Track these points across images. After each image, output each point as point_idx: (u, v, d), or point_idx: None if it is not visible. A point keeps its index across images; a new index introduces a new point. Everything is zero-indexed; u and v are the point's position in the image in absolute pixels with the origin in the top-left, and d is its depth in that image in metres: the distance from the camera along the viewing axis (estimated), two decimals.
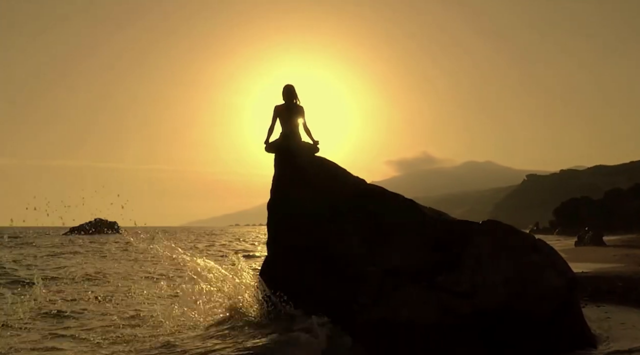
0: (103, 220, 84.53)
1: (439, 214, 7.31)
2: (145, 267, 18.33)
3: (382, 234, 6.91)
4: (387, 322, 6.41)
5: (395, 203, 7.19)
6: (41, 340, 7.84)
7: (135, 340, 7.36)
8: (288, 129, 7.84)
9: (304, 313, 6.63)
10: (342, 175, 7.46)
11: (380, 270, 6.68)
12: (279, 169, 7.78)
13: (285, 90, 7.96)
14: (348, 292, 6.71)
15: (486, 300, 6.48)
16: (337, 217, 7.11)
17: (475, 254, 6.61)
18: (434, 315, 6.34)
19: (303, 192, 7.37)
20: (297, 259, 7.17)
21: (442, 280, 6.49)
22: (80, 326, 8.74)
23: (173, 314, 8.06)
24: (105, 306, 10.18)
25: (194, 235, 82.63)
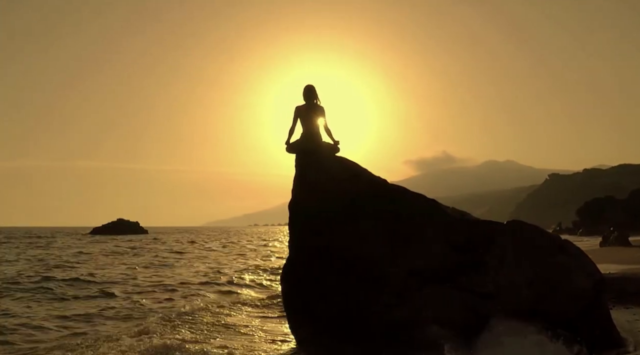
0: (125, 221, 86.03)
1: (462, 214, 7.23)
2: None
3: (405, 234, 6.86)
4: (411, 322, 6.36)
5: (417, 203, 7.13)
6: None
7: None
8: (309, 130, 7.84)
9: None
10: (364, 175, 7.43)
11: (403, 270, 6.64)
12: (300, 169, 7.78)
13: (306, 91, 7.95)
14: (370, 293, 6.69)
15: (510, 302, 6.39)
16: (359, 218, 7.08)
17: (500, 255, 6.52)
18: (459, 316, 6.28)
19: (325, 192, 7.35)
20: (319, 259, 7.16)
21: (466, 281, 6.42)
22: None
23: None
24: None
25: (229, 234, 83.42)
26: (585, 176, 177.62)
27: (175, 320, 9.42)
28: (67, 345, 7.74)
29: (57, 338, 8.48)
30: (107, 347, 7.43)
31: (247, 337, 8.63)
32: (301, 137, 7.88)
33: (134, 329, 8.61)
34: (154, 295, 13.33)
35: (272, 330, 9.21)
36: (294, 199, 7.71)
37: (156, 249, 36.41)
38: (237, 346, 7.82)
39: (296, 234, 7.62)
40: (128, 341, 7.70)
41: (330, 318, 6.90)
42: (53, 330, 9.10)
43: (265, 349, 7.81)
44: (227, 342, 8.11)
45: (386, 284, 6.66)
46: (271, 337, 8.55)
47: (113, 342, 7.73)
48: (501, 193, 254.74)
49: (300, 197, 7.64)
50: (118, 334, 8.30)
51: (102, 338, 8.09)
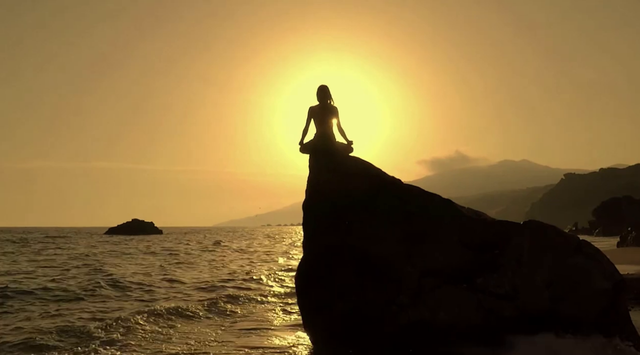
0: (140, 221, 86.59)
1: (478, 214, 7.16)
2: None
3: (420, 234, 6.81)
4: (427, 323, 6.32)
5: (432, 203, 7.08)
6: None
7: None
8: (323, 130, 7.83)
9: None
10: (378, 175, 7.40)
11: (418, 270, 6.60)
12: (314, 169, 7.77)
13: (320, 91, 7.94)
14: (385, 293, 6.66)
15: (528, 303, 6.31)
16: (373, 217, 7.05)
17: (517, 255, 6.45)
18: (475, 317, 6.22)
19: (339, 192, 7.34)
20: (333, 259, 7.14)
21: (483, 281, 6.36)
22: None
23: None
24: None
25: (249, 234, 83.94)
26: (601, 176, 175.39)
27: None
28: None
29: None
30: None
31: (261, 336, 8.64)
32: (315, 137, 7.87)
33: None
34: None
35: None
36: (308, 199, 7.70)
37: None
38: (252, 344, 7.84)
39: (310, 233, 7.61)
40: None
41: (345, 318, 6.88)
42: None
43: (280, 347, 7.82)
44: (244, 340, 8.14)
45: (401, 284, 6.62)
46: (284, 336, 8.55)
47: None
48: (516, 193, 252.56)
49: (314, 197, 7.63)
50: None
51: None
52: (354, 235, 7.07)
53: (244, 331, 9.07)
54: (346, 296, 6.91)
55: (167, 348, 7.63)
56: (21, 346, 7.71)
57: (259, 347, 7.87)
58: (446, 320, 6.32)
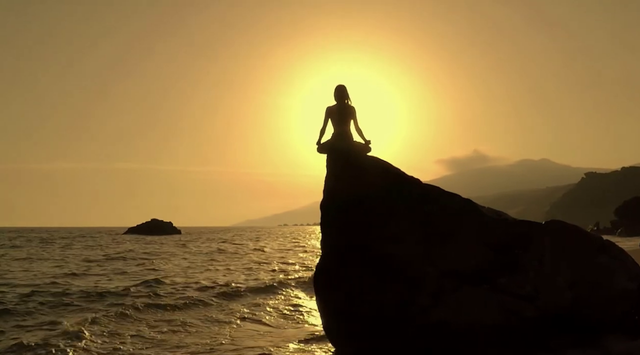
0: (159, 221, 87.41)
1: (499, 214, 7.07)
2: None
3: (440, 234, 6.75)
4: (447, 324, 6.26)
5: (452, 202, 7.00)
6: None
7: None
8: (340, 130, 7.81)
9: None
10: (397, 175, 7.34)
11: (438, 271, 6.53)
12: (332, 169, 7.74)
13: (337, 91, 7.92)
14: (405, 293, 6.60)
15: (551, 304, 6.22)
16: (392, 217, 7.00)
17: (539, 256, 6.35)
18: (497, 318, 6.14)
19: (357, 192, 7.30)
20: (352, 259, 7.10)
21: (504, 282, 6.27)
22: None
23: None
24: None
25: (267, 234, 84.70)
26: (623, 175, 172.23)
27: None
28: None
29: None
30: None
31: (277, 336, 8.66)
32: (332, 137, 7.85)
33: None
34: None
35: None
36: (326, 199, 7.67)
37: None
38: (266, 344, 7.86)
39: (329, 233, 7.58)
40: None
41: (364, 318, 6.84)
42: None
43: (298, 347, 7.82)
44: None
45: (421, 284, 6.55)
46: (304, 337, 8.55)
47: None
48: (536, 192, 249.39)
49: (332, 197, 7.59)
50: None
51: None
52: (373, 235, 7.02)
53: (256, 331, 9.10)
54: (365, 297, 6.86)
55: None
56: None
57: (278, 346, 7.89)
58: (467, 321, 6.25)
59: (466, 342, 6.24)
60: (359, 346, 6.81)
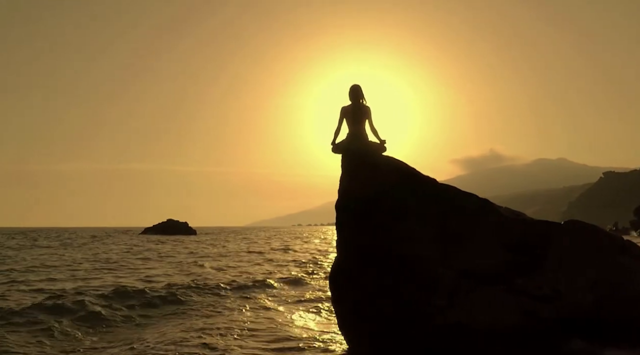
0: (174, 221, 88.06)
1: (516, 214, 6.97)
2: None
3: (456, 234, 6.67)
4: (464, 325, 6.19)
5: (469, 202, 6.92)
6: None
7: None
8: (355, 130, 7.77)
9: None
10: (413, 174, 7.28)
11: (454, 271, 6.46)
12: (347, 169, 7.71)
13: (352, 91, 7.89)
14: (420, 294, 6.54)
15: (570, 305, 6.12)
16: (408, 217, 6.94)
17: (558, 256, 6.25)
18: (514, 319, 6.05)
19: (372, 192, 7.26)
20: (367, 259, 7.06)
21: (522, 283, 6.18)
22: None
23: None
24: None
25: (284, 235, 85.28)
26: None
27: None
28: None
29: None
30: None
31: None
32: (347, 137, 7.82)
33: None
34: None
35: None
36: (341, 199, 7.64)
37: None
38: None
39: (344, 234, 7.55)
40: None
41: (379, 318, 6.80)
42: None
43: (316, 346, 7.81)
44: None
45: (437, 285, 6.49)
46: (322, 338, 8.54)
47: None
48: (552, 192, 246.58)
49: (346, 197, 7.56)
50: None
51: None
52: (388, 236, 6.97)
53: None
54: (380, 297, 6.82)
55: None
56: None
57: (294, 347, 7.89)
58: (483, 322, 6.17)
59: (483, 343, 6.16)
60: (374, 346, 6.77)
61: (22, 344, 7.97)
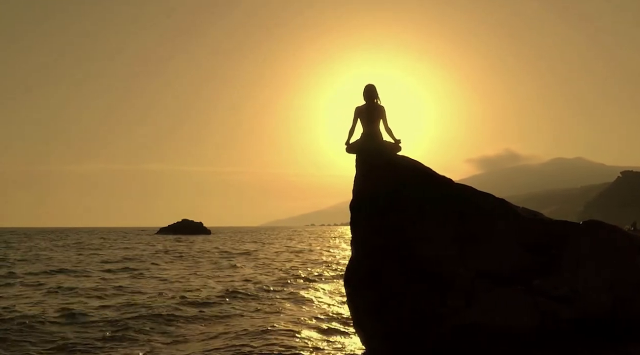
0: (189, 221, 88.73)
1: (534, 214, 6.89)
2: None
3: (473, 234, 6.62)
4: (481, 326, 6.13)
5: (485, 202, 6.86)
6: None
7: None
8: (369, 129, 7.74)
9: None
10: (429, 175, 7.23)
11: (471, 272, 6.41)
12: (362, 169, 7.68)
13: (366, 90, 7.86)
14: (436, 294, 6.50)
15: (588, 306, 6.03)
16: (424, 217, 6.90)
17: (576, 256, 6.17)
18: (532, 320, 5.99)
19: (387, 192, 7.22)
20: (383, 259, 7.03)
21: (540, 283, 6.11)
22: None
23: None
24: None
25: (298, 234, 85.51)
26: None
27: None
28: None
29: None
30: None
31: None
32: (362, 136, 7.79)
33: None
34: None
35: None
36: (355, 199, 7.61)
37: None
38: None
39: (359, 234, 7.52)
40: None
41: (394, 318, 6.77)
42: None
43: (331, 347, 7.81)
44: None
45: (453, 285, 6.44)
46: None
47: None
48: (569, 192, 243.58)
49: (361, 197, 7.53)
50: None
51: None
52: (404, 236, 6.93)
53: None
54: (396, 297, 6.79)
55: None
56: None
57: (310, 346, 7.89)
58: (501, 323, 6.11)
59: (499, 344, 6.10)
60: (390, 346, 6.74)
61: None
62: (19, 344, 8.03)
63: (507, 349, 6.03)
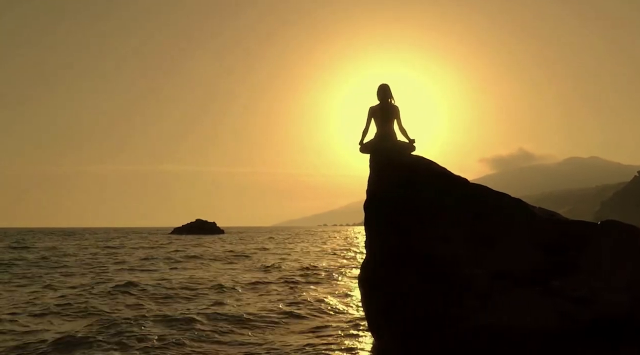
0: (203, 221, 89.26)
1: (551, 214, 6.81)
2: None
3: (489, 235, 6.56)
4: (496, 327, 6.07)
5: (501, 202, 6.80)
6: None
7: None
8: (383, 129, 7.73)
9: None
10: (444, 174, 7.18)
11: (487, 273, 6.35)
12: (376, 169, 7.66)
13: (380, 90, 7.85)
14: (452, 295, 6.45)
15: (607, 307, 5.94)
16: (439, 217, 6.85)
17: (595, 257, 6.08)
18: (550, 321, 5.91)
19: (402, 192, 7.19)
20: (397, 260, 7.00)
21: (558, 284, 6.03)
22: None
23: None
24: None
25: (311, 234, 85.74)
26: None
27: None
28: None
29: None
30: None
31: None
32: (375, 136, 7.78)
33: None
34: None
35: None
36: (370, 199, 7.59)
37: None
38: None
39: (373, 234, 7.50)
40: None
41: (409, 318, 6.73)
42: None
43: (346, 347, 7.79)
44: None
45: (469, 286, 6.39)
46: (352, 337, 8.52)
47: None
48: (585, 191, 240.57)
49: (375, 197, 7.52)
50: None
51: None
52: (419, 236, 6.89)
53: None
54: (410, 297, 6.75)
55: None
56: None
57: (323, 344, 7.88)
58: (517, 324, 6.05)
59: (516, 345, 6.04)
60: (404, 347, 6.71)
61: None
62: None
63: (524, 350, 5.96)
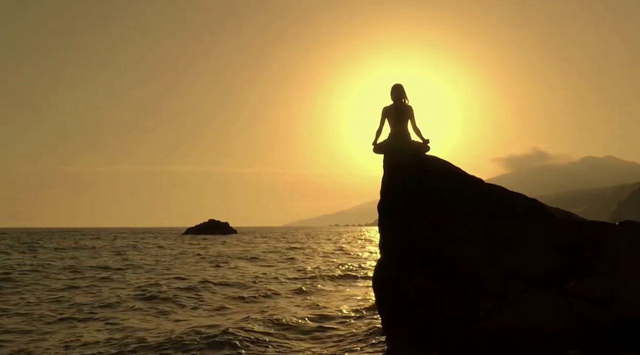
0: (216, 221, 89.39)
1: (567, 215, 6.74)
2: None
3: (504, 235, 6.51)
4: (512, 328, 6.02)
5: (517, 203, 6.74)
6: None
7: None
8: (397, 130, 7.69)
9: None
10: (458, 174, 7.14)
11: (502, 273, 6.31)
12: (390, 169, 7.63)
13: (394, 90, 7.81)
14: (467, 296, 6.41)
15: (625, 308, 5.87)
16: (454, 218, 6.81)
17: (613, 258, 6.01)
18: (567, 322, 5.86)
19: (415, 192, 7.16)
20: (412, 261, 6.97)
21: (574, 285, 5.97)
22: None
23: None
24: None
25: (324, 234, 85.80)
26: None
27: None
28: None
29: None
30: None
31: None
32: (389, 137, 7.75)
33: None
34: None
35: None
36: (384, 200, 7.56)
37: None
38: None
39: (387, 235, 7.48)
40: None
41: (425, 321, 6.70)
42: None
43: (359, 348, 7.77)
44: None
45: (484, 287, 6.34)
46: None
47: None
48: (600, 191, 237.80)
49: (390, 198, 7.49)
50: None
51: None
52: (434, 236, 6.86)
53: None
54: (426, 299, 6.72)
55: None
56: None
57: (335, 345, 7.87)
58: (534, 325, 5.99)
59: (532, 346, 5.99)
60: (419, 347, 6.67)
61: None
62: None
63: (541, 351, 5.90)
